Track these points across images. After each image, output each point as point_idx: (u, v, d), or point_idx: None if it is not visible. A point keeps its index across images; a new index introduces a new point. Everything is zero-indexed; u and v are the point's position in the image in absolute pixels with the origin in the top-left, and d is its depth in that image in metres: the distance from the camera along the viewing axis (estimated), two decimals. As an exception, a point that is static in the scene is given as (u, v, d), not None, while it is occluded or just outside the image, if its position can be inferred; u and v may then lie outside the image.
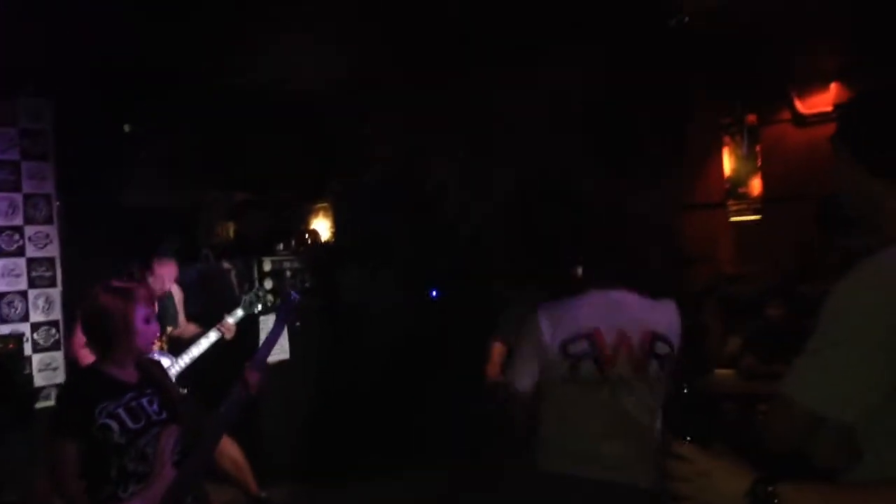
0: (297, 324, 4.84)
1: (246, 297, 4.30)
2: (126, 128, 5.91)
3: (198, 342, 4.17)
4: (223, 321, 4.21)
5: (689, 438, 1.34)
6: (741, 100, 5.08)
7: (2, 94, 5.36)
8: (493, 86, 5.41)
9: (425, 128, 5.91)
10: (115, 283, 2.91)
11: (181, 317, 4.62)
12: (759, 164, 5.02)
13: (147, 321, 2.82)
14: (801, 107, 5.09)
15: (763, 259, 5.06)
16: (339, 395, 5.06)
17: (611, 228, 2.87)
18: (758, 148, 5.03)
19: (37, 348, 5.57)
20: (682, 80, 5.14)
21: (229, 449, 4.09)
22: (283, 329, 3.38)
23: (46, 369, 5.49)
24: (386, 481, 4.45)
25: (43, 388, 5.33)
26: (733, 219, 5.16)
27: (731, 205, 5.14)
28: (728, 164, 5.15)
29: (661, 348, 2.61)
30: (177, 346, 4.24)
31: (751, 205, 4.99)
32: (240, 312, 4.26)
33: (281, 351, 5.09)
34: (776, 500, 1.24)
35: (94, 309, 2.81)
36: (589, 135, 5.41)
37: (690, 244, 5.46)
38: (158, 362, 3.03)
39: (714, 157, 5.25)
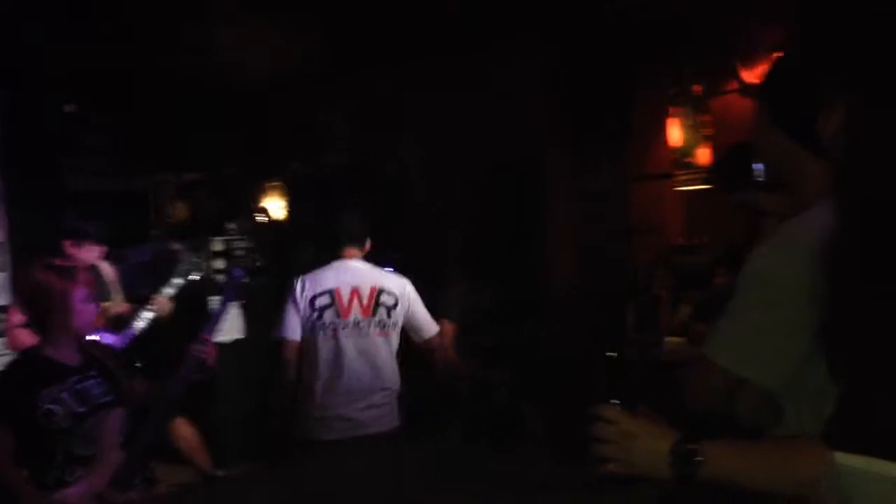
0: (242, 301, 4.81)
1: (180, 267, 4.27)
2: (67, 108, 5.79)
3: (135, 320, 4.14)
4: (156, 298, 4.18)
5: (614, 401, 1.37)
6: (687, 71, 5.11)
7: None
8: (446, 70, 5.43)
9: (381, 109, 5.91)
10: (55, 261, 2.88)
11: (118, 294, 4.56)
12: (707, 133, 5.06)
13: (86, 301, 2.78)
14: (748, 76, 5.14)
15: (713, 229, 5.13)
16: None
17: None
18: (705, 118, 5.07)
19: (-14, 334, 5.48)
20: (628, 56, 5.18)
21: (183, 429, 4.06)
22: (226, 307, 3.37)
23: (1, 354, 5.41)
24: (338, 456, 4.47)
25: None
26: (681, 188, 5.21)
27: (679, 175, 5.18)
28: (675, 134, 5.18)
29: (387, 299, 3.54)
30: (117, 325, 4.20)
31: (698, 174, 5.04)
32: (177, 281, 4.23)
33: (235, 330, 5.06)
34: (697, 458, 1.27)
35: (32, 287, 2.77)
36: (540, 115, 5.45)
37: (640, 215, 5.52)
38: (103, 344, 2.99)
39: (662, 128, 5.28)
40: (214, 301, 4.09)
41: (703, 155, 5.11)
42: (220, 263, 5.04)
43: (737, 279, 1.45)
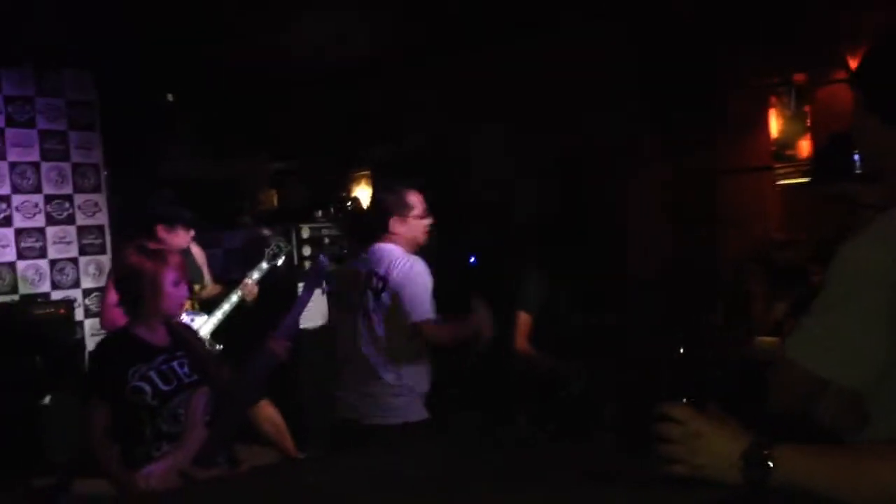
0: (327, 289, 4.87)
1: (268, 251, 4.36)
2: (169, 97, 5.99)
3: (222, 303, 4.25)
4: (243, 282, 4.27)
5: (684, 400, 1.31)
6: (790, 59, 4.90)
7: (48, 66, 5.48)
8: (531, 55, 5.36)
9: (464, 96, 5.88)
10: (148, 245, 2.98)
11: (207, 276, 4.68)
12: (808, 124, 4.84)
13: (176, 284, 2.87)
14: (855, 65, 4.89)
15: (813, 224, 4.92)
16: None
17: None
18: (807, 108, 4.85)
19: (88, 314, 5.75)
20: (728, 42, 5.00)
21: (267, 412, 4.16)
22: (311, 294, 3.41)
23: (98, 334, 5.65)
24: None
25: (94, 352, 5.50)
26: (780, 182, 4.99)
27: (778, 168, 4.97)
28: (775, 125, 4.97)
29: (376, 283, 3.46)
30: (208, 307, 4.33)
31: (798, 167, 4.82)
32: (264, 265, 4.32)
33: (319, 316, 5.14)
34: (771, 463, 1.20)
35: (125, 269, 2.88)
36: (633, 104, 5.33)
37: (736, 208, 5.33)
38: (189, 326, 3.08)
39: (761, 119, 5.07)
40: (300, 287, 4.16)
41: (804, 147, 4.89)
42: (307, 250, 5.15)
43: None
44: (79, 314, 5.63)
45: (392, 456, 2.26)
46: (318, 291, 4.36)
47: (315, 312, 5.03)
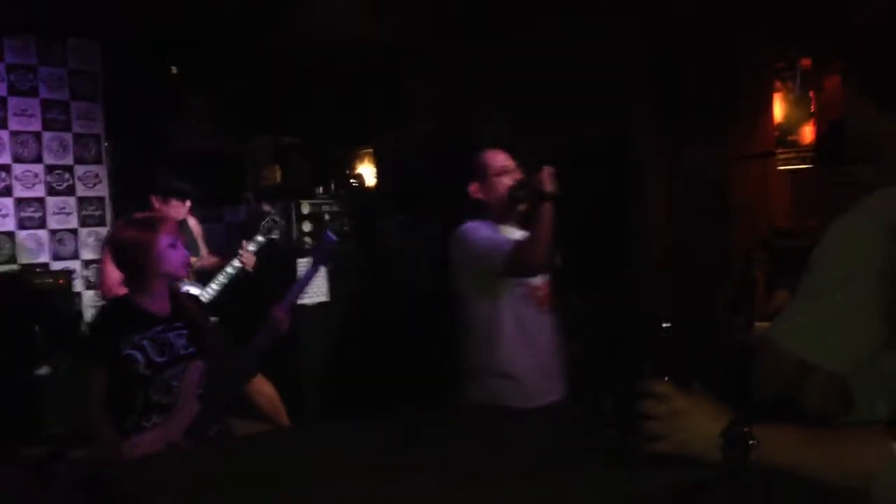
0: (330, 265, 4.86)
1: (263, 224, 4.35)
2: (174, 69, 5.97)
3: (220, 273, 4.25)
4: (240, 251, 4.26)
5: (667, 378, 1.30)
6: (796, 44, 4.85)
7: (51, 35, 5.46)
8: (538, 42, 5.31)
9: (472, 81, 5.85)
10: (137, 216, 2.98)
11: (203, 248, 4.68)
12: (812, 110, 4.80)
13: (173, 246, 2.87)
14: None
15: (820, 212, 4.88)
16: (374, 338, 5.11)
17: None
18: (811, 94, 4.81)
19: (88, 285, 5.75)
20: (733, 29, 4.96)
21: (263, 386, 4.17)
22: (316, 270, 3.39)
23: (97, 305, 5.67)
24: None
25: (93, 322, 5.52)
26: (782, 167, 4.96)
27: (781, 153, 4.94)
28: (779, 111, 4.94)
29: None
30: (205, 278, 4.33)
31: (800, 153, 4.79)
32: (259, 238, 4.31)
33: (320, 293, 5.14)
34: (751, 441, 1.20)
35: (119, 243, 2.88)
36: (638, 89, 5.30)
37: (743, 195, 5.30)
38: (195, 296, 3.08)
39: (766, 104, 5.04)
40: (303, 263, 4.15)
41: (808, 133, 4.86)
42: (307, 226, 5.13)
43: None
44: (78, 285, 5.64)
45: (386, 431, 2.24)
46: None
47: (317, 289, 5.03)
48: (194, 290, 4.20)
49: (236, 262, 4.27)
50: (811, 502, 1.32)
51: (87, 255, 5.72)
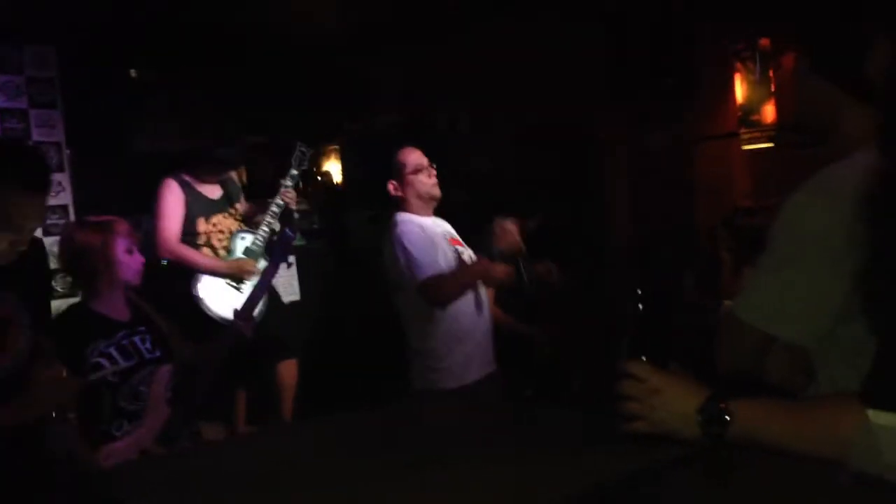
0: (291, 262, 4.83)
1: (294, 156, 4.39)
2: (132, 73, 5.88)
3: (266, 213, 4.22)
4: (281, 190, 4.23)
5: (643, 358, 1.31)
6: (755, 24, 4.88)
7: (6, 41, 5.35)
8: (498, 31, 5.31)
9: (434, 71, 5.84)
10: (91, 219, 2.91)
11: (241, 197, 4.62)
12: (773, 89, 4.84)
13: (129, 252, 2.81)
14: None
15: (783, 190, 4.92)
16: (345, 336, 5.09)
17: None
18: (771, 73, 4.84)
19: (55, 295, 5.65)
20: (690, 10, 4.99)
21: (291, 373, 4.31)
22: (276, 268, 3.37)
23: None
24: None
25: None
26: (745, 147, 5.00)
27: (744, 133, 4.98)
28: (740, 91, 4.97)
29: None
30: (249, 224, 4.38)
31: (764, 132, 4.83)
32: (294, 171, 4.33)
33: (291, 292, 5.10)
34: (727, 416, 1.21)
35: (74, 247, 2.80)
36: (597, 70, 5.31)
37: (705, 175, 5.34)
38: (147, 304, 3.01)
39: (727, 85, 5.07)
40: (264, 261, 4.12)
41: (769, 112, 4.89)
42: (276, 225, 5.09)
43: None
44: (45, 295, 5.54)
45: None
46: (283, 266, 4.33)
47: (286, 288, 4.98)
48: (248, 236, 4.18)
49: (279, 201, 4.23)
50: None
51: (52, 264, 5.61)
